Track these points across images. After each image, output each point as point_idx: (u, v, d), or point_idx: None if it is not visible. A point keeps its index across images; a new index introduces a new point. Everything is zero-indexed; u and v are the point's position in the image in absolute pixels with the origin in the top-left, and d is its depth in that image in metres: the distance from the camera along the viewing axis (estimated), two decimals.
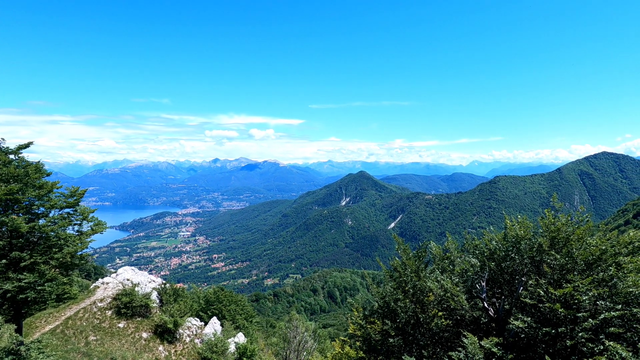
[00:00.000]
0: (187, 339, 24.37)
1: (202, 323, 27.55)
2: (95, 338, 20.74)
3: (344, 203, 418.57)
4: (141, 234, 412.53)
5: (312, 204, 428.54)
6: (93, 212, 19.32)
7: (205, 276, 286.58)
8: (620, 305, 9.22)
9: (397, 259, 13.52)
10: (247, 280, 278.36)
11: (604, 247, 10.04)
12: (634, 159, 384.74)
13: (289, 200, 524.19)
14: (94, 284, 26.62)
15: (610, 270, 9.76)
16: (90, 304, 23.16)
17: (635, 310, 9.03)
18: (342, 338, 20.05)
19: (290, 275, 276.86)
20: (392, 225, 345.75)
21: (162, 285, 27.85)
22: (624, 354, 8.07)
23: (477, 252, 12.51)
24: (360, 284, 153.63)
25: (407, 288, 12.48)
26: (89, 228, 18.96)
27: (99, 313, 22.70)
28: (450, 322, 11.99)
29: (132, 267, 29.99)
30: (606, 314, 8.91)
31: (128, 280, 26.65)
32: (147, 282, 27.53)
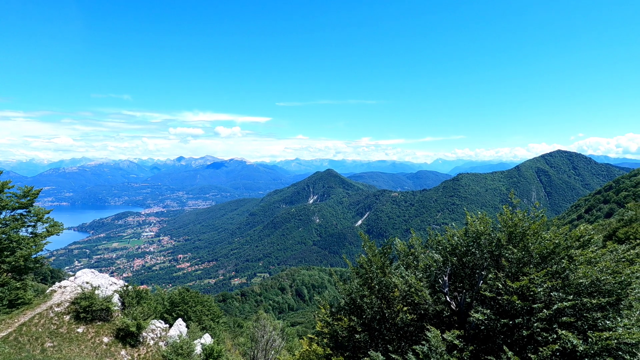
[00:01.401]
0: (151, 342, 23.73)
1: (167, 325, 26.89)
2: (52, 344, 19.84)
3: (311, 201, 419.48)
4: (102, 235, 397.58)
5: (280, 202, 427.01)
6: (49, 212, 18.46)
7: (170, 277, 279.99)
8: (571, 296, 9.73)
9: (363, 255, 13.68)
10: (213, 281, 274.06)
11: (557, 241, 10.56)
12: (586, 157, 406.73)
13: (257, 198, 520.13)
14: (51, 288, 25.42)
15: (563, 262, 10.27)
16: (47, 309, 22.11)
17: (585, 300, 9.54)
18: (310, 336, 20.12)
19: (258, 274, 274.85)
20: (360, 222, 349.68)
21: (124, 288, 26.97)
22: (574, 342, 8.53)
23: (440, 247, 12.83)
24: (328, 281, 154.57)
25: (372, 284, 12.66)
26: (44, 230, 18.11)
27: (56, 318, 21.72)
28: (414, 317, 12.27)
29: (92, 270, 28.86)
30: (559, 304, 9.36)
31: (87, 283, 25.63)
32: (108, 285, 26.58)
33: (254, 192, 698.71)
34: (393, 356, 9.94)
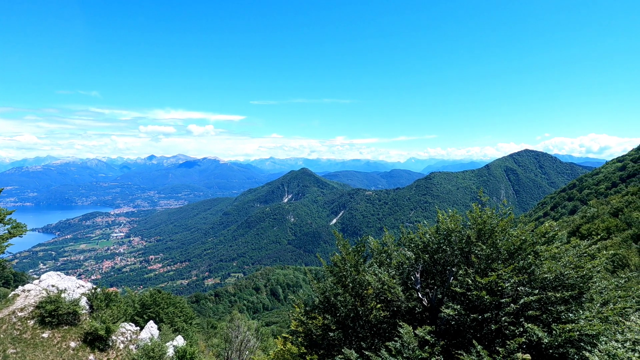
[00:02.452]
0: (121, 346, 23.12)
1: (138, 328, 26.26)
2: (15, 351, 19.05)
3: (286, 200, 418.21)
4: (68, 236, 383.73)
5: (254, 201, 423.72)
6: (10, 213, 17.69)
7: (141, 279, 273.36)
8: (537, 290, 10.09)
9: (337, 254, 13.75)
10: (186, 281, 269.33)
11: (523, 238, 10.93)
12: (551, 156, 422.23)
13: (230, 197, 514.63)
14: (14, 292, 24.39)
15: (529, 258, 10.64)
16: (9, 314, 21.21)
17: (549, 294, 9.91)
18: (285, 335, 20.09)
19: (232, 274, 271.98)
20: (334, 221, 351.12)
21: (93, 290, 26.16)
22: (540, 334, 8.85)
23: (412, 245, 13.06)
24: (303, 280, 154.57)
25: (346, 282, 12.75)
26: (6, 231, 17.34)
27: (20, 323, 20.86)
28: (387, 314, 12.43)
29: (58, 272, 27.85)
30: (525, 298, 9.69)
31: (53, 286, 24.72)
32: (75, 288, 25.72)
33: (228, 191, 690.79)
34: (366, 353, 10.04)
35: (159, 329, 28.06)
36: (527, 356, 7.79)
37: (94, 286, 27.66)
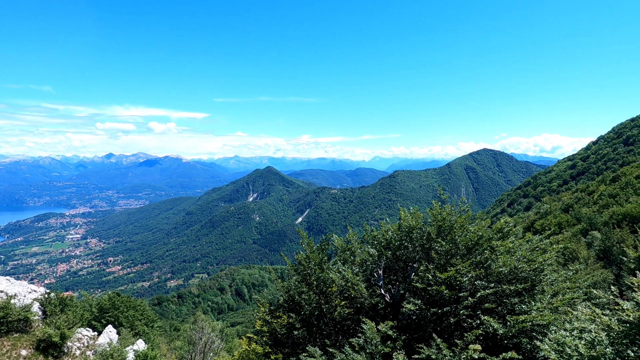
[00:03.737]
0: (77, 352, 22.17)
1: (96, 333, 25.24)
2: None
3: (251, 199, 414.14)
4: (19, 239, 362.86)
5: (218, 200, 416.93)
6: None
7: (99, 282, 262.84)
8: (493, 284, 10.51)
9: (301, 252, 13.78)
10: (147, 283, 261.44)
11: (480, 234, 11.36)
12: (508, 155, 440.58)
13: (194, 197, 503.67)
14: None
15: (486, 253, 11.07)
16: None
17: (504, 287, 10.36)
18: (249, 335, 19.93)
19: (196, 275, 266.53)
20: (300, 219, 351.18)
21: (46, 295, 24.92)
22: (495, 326, 9.23)
23: (375, 242, 13.27)
24: (268, 279, 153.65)
25: (311, 280, 12.80)
26: None
27: None
28: (351, 311, 12.58)
29: (7, 277, 26.30)
30: (482, 292, 10.07)
31: (2, 292, 23.38)
32: (26, 293, 24.39)
33: (191, 190, 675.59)
34: (330, 350, 10.12)
35: (118, 333, 27.10)
36: (478, 347, 8.11)
37: (48, 291, 26.34)
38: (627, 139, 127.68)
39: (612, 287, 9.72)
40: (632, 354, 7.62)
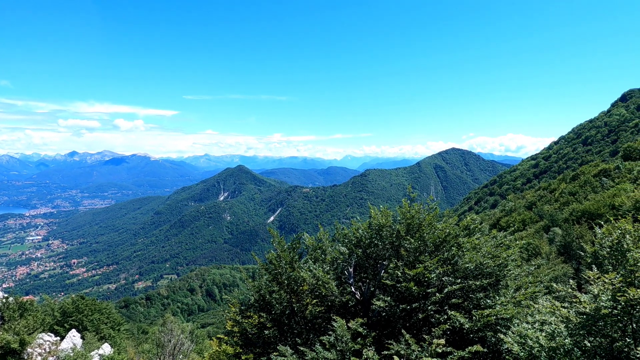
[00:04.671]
0: (39, 358, 21.29)
1: (58, 338, 24.31)
2: None
3: (222, 198, 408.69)
4: None
5: (188, 199, 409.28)
6: None
7: (62, 285, 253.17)
8: (459, 280, 10.81)
9: (272, 252, 13.72)
10: (114, 286, 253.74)
11: (448, 231, 11.64)
12: (475, 154, 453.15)
13: (162, 196, 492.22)
14: None
15: (453, 250, 11.35)
16: None
17: (470, 282, 10.66)
18: (220, 336, 19.72)
19: (165, 276, 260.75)
20: (272, 218, 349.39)
21: (4, 300, 23.81)
22: (462, 320, 9.50)
23: (346, 240, 13.38)
24: (240, 279, 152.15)
25: (281, 279, 12.77)
26: None
27: None
28: (322, 309, 12.64)
29: None
30: (449, 287, 10.34)
31: None
32: None
33: (160, 189, 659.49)
34: (301, 349, 10.13)
35: (82, 337, 26.23)
36: (441, 341, 8.31)
37: (6, 295, 25.17)
38: (585, 139, 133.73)
39: (570, 280, 10.16)
40: (589, 344, 8.00)
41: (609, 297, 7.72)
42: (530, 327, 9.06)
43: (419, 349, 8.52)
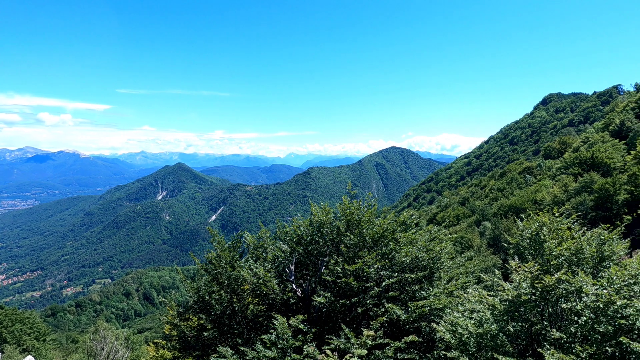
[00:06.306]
0: None
1: None
2: None
3: (160, 197, 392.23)
4: None
5: (123, 199, 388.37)
6: None
7: None
8: (396, 273, 11.21)
9: (212, 251, 13.42)
10: (39, 293, 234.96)
11: (385, 227, 12.03)
12: (414, 152, 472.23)
13: (94, 196, 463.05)
14: None
15: (391, 245, 11.75)
16: None
17: (407, 275, 11.10)
18: (157, 341, 18.96)
19: (98, 280, 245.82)
20: (213, 217, 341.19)
21: None
22: (398, 312, 9.87)
23: (287, 238, 13.40)
24: (180, 281, 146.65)
25: (222, 279, 12.54)
26: None
27: None
28: (264, 307, 12.56)
29: None
30: (387, 281, 10.69)
31: None
32: None
33: (91, 188, 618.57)
34: (242, 348, 10.00)
35: (1, 351, 24.06)
36: (371, 332, 8.61)
37: None
38: (512, 139, 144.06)
39: (496, 270, 10.91)
40: (512, 328, 8.66)
41: (529, 284, 8.39)
42: (460, 315, 9.62)
43: (358, 342, 8.74)
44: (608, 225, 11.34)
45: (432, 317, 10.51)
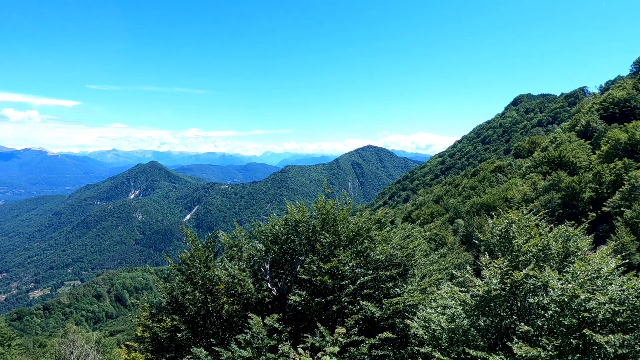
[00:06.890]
0: None
1: None
2: None
3: (132, 196, 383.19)
4: None
5: (94, 198, 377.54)
6: None
7: None
8: (371, 271, 11.32)
9: (186, 251, 13.23)
10: (3, 296, 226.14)
11: (361, 225, 12.13)
12: (389, 151, 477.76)
13: (63, 195, 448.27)
14: None
15: (365, 243, 11.85)
16: None
17: (381, 273, 11.22)
18: (129, 343, 18.54)
19: (67, 282, 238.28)
20: (188, 217, 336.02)
21: None
22: (373, 309, 9.97)
23: (263, 237, 13.32)
24: (153, 281, 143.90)
25: (195, 280, 12.37)
26: None
27: None
28: (239, 307, 12.47)
29: None
30: (362, 279, 10.78)
31: None
32: None
33: (59, 187, 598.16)
34: (216, 349, 9.90)
35: None
36: (343, 330, 8.69)
37: None
38: (484, 139, 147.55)
39: (468, 267, 11.17)
40: (482, 323, 8.88)
41: (498, 280, 8.62)
42: (433, 311, 9.81)
43: (333, 340, 8.78)
44: (573, 222, 11.77)
45: (406, 314, 10.67)
